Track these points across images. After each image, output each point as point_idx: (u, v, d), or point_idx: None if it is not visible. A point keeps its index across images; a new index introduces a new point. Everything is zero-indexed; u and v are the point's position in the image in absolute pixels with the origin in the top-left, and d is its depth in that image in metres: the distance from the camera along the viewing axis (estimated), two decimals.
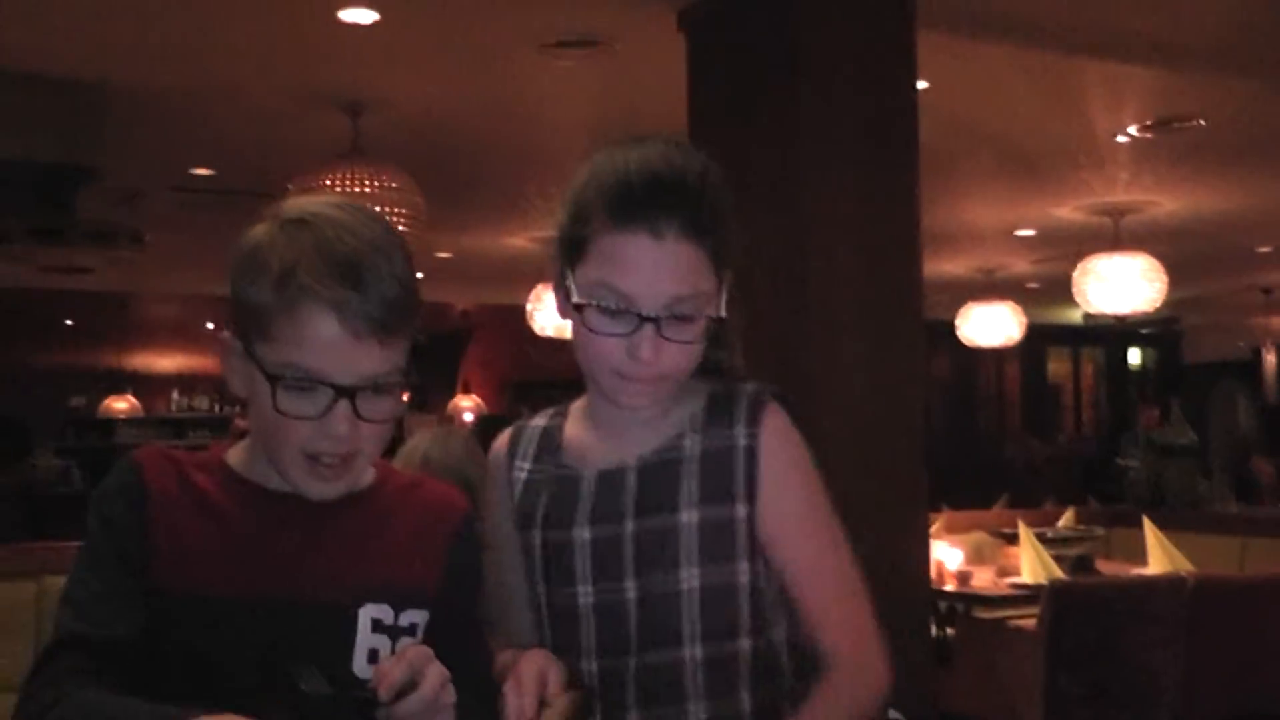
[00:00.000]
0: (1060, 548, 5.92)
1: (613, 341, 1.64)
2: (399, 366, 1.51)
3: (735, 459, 1.69)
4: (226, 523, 1.56)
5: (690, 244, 1.61)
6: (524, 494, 1.80)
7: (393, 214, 5.68)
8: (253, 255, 1.49)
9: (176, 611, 1.50)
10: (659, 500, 1.69)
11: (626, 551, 1.68)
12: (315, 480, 1.53)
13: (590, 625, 1.69)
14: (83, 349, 14.72)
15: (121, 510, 1.53)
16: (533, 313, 9.06)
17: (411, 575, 1.62)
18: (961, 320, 11.00)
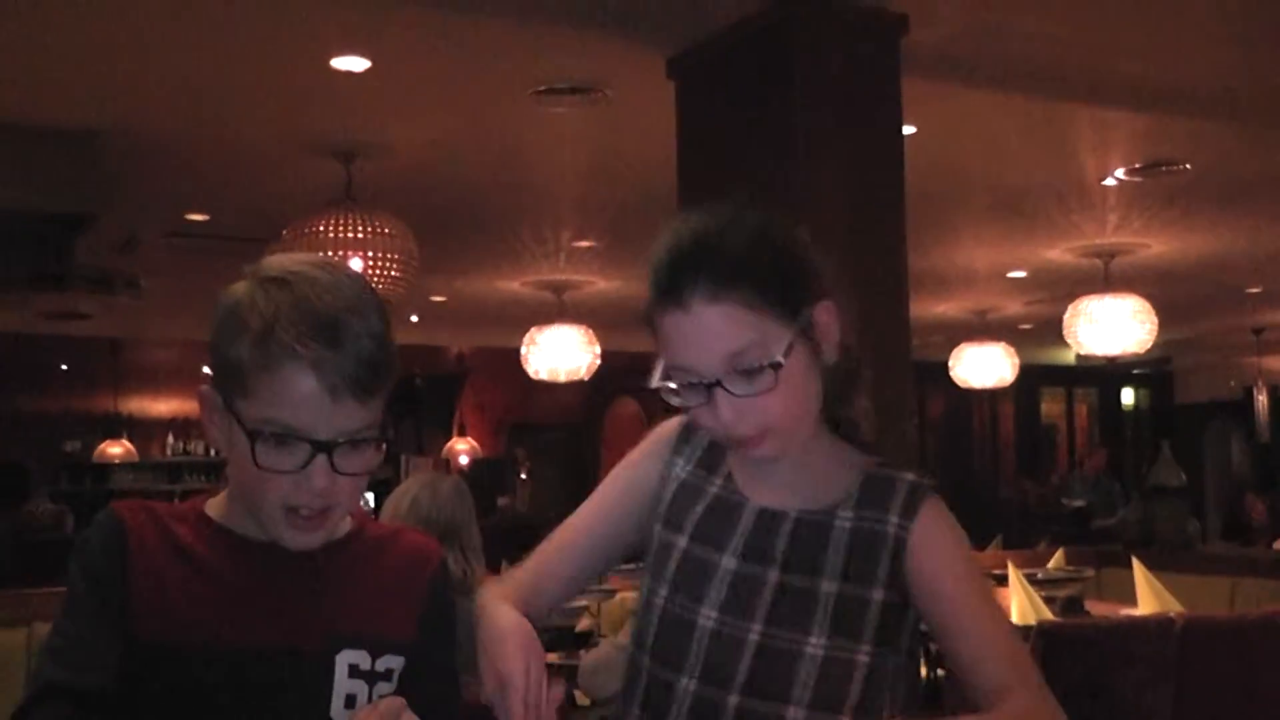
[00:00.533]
0: (1050, 589, 5.91)
1: (701, 412, 1.68)
2: (376, 422, 1.54)
3: (883, 545, 1.70)
4: (205, 572, 1.59)
5: (718, 304, 1.61)
6: (678, 495, 1.83)
7: (386, 259, 5.71)
8: (233, 313, 1.52)
9: (155, 660, 1.52)
10: (806, 561, 1.71)
11: (764, 596, 1.70)
12: (294, 531, 1.56)
13: (702, 647, 1.70)
14: (77, 393, 14.73)
15: (102, 561, 1.56)
16: (527, 356, 9.09)
17: (388, 622, 1.64)
18: (955, 361, 11.04)
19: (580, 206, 7.20)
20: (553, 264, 8.73)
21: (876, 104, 4.15)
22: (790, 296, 1.65)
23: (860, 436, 1.82)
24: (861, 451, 1.80)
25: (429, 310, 10.74)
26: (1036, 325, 12.04)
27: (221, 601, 1.57)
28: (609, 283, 9.32)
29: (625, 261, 8.42)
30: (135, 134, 5.61)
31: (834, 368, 1.73)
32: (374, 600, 1.65)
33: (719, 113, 4.31)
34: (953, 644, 1.69)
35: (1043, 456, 16.40)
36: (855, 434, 1.81)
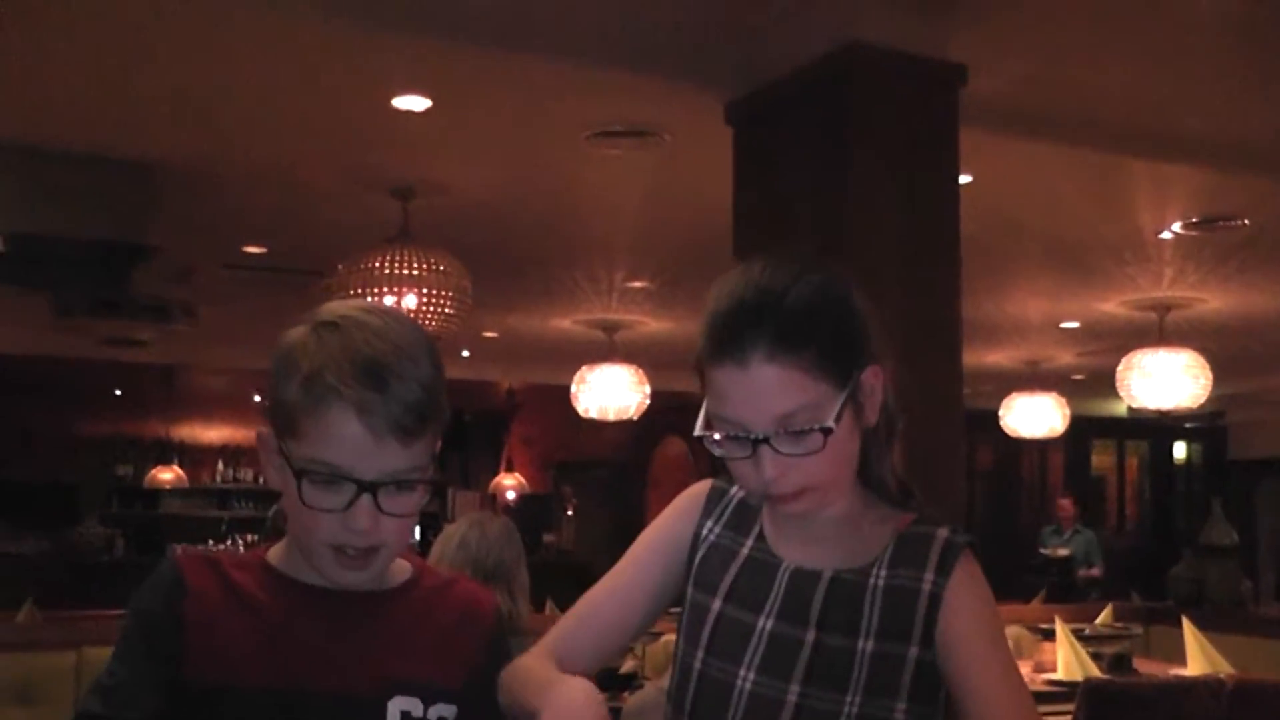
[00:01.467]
0: (1098, 645, 5.86)
1: (743, 465, 1.68)
2: (422, 464, 1.57)
3: (918, 603, 1.69)
4: (261, 615, 1.61)
5: (777, 364, 1.61)
6: (709, 556, 1.83)
7: (440, 296, 5.75)
8: (287, 355, 1.57)
9: (210, 703, 1.55)
10: (842, 620, 1.70)
11: (801, 656, 1.69)
12: (341, 570, 1.59)
13: (740, 710, 1.70)
14: (130, 419, 14.90)
15: (157, 606, 1.60)
16: (577, 394, 9.11)
17: (442, 671, 1.66)
18: (1005, 410, 10.98)
19: (634, 247, 7.23)
20: (605, 303, 8.77)
21: (934, 153, 4.15)
22: (846, 361, 1.66)
23: (893, 492, 1.81)
24: (895, 507, 1.80)
25: (480, 346, 10.79)
26: (1089, 376, 11.96)
27: (278, 646, 1.59)
28: (660, 323, 9.34)
29: (677, 303, 8.45)
30: (198, 166, 5.69)
31: (872, 426, 1.74)
32: (429, 649, 1.67)
33: (776, 158, 4.32)
34: (970, 704, 1.68)
35: (1092, 508, 16.25)
36: (888, 490, 1.81)
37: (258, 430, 1.63)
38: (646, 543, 1.91)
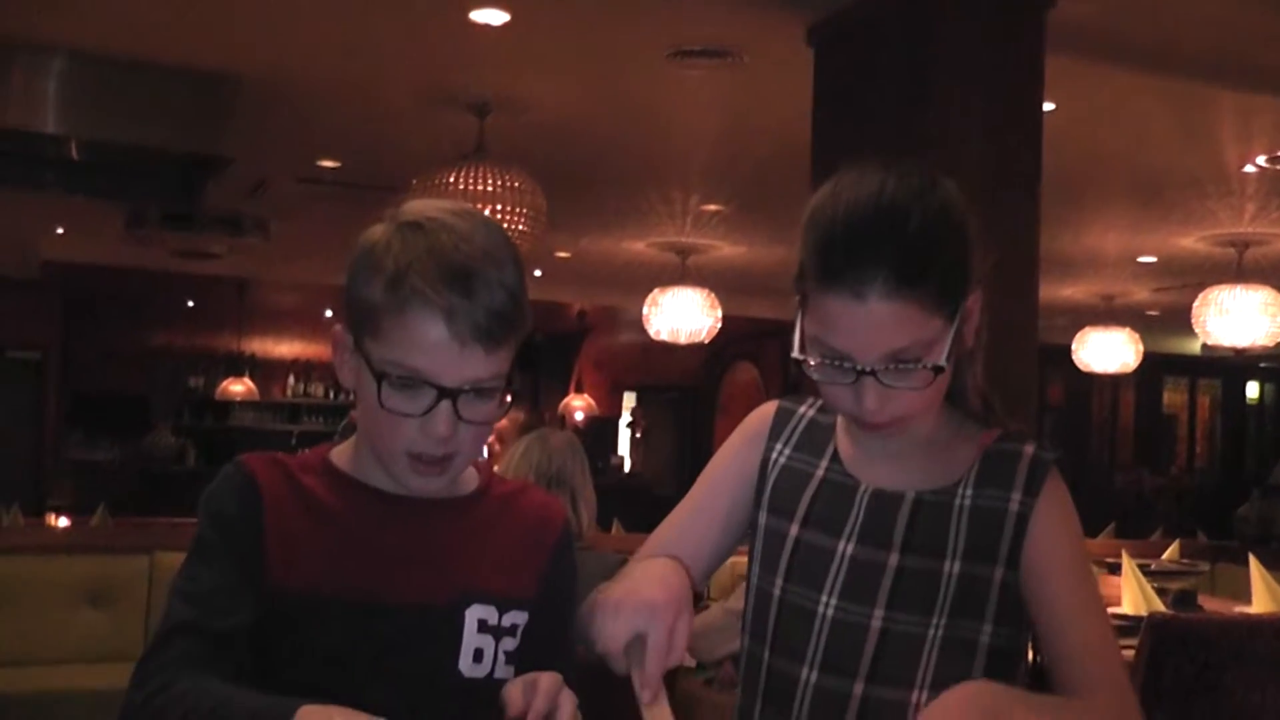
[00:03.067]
0: (1163, 581, 5.80)
1: (839, 390, 1.63)
2: (502, 372, 1.54)
3: (1005, 523, 1.66)
4: (337, 523, 1.60)
5: (897, 300, 1.54)
6: (781, 480, 1.80)
7: (515, 214, 5.73)
8: (369, 255, 1.53)
9: (289, 610, 1.54)
10: (928, 542, 1.67)
11: (885, 581, 1.67)
12: (415, 476, 1.57)
13: (822, 637, 1.68)
14: (203, 331, 15.06)
15: (236, 509, 1.58)
16: (648, 316, 9.10)
17: (515, 579, 1.66)
18: (1078, 345, 10.85)
19: (710, 170, 7.18)
20: (679, 226, 8.73)
21: (1018, 79, 4.08)
22: (959, 294, 1.60)
23: (977, 409, 1.76)
24: (978, 424, 1.75)
25: (553, 266, 10.78)
26: (1163, 312, 11.80)
27: (352, 554, 1.59)
28: (734, 248, 9.29)
29: (751, 227, 8.39)
30: (273, 79, 5.68)
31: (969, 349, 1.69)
32: (501, 557, 1.66)
33: (857, 82, 4.26)
34: (1049, 630, 1.65)
35: (1162, 447, 16.10)
36: (970, 406, 1.76)
37: (333, 329, 1.61)
38: (714, 471, 1.88)
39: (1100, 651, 1.65)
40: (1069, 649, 1.64)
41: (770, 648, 1.73)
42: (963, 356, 1.69)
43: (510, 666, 1.63)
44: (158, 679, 1.43)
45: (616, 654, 1.46)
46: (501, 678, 1.60)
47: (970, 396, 1.76)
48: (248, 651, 1.51)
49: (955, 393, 1.73)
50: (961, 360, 1.70)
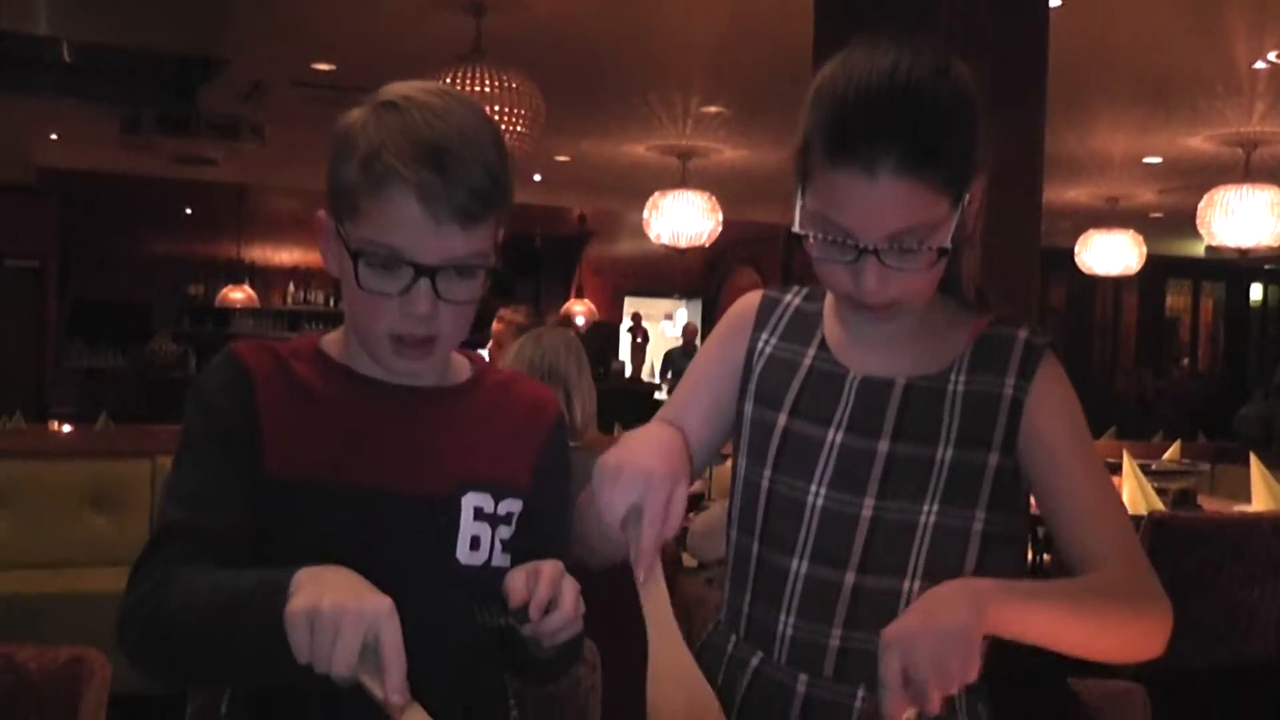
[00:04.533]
0: (1163, 481, 5.82)
1: (839, 270, 1.59)
2: (483, 250, 1.53)
3: (999, 408, 1.64)
4: (329, 411, 1.59)
5: (908, 179, 1.49)
6: (767, 369, 1.77)
7: (512, 115, 5.68)
8: (345, 137, 1.52)
9: (283, 498, 1.53)
10: (919, 429, 1.65)
11: (875, 469, 1.64)
12: (399, 359, 1.56)
13: (812, 527, 1.66)
14: (203, 239, 15.01)
15: (225, 400, 1.56)
16: (649, 220, 9.04)
17: (509, 467, 1.65)
18: (1081, 247, 10.79)
19: (710, 71, 7.08)
20: (679, 129, 8.65)
21: None
22: (966, 178, 1.56)
23: (969, 296, 1.73)
24: (971, 311, 1.72)
25: (552, 170, 10.72)
26: (1168, 215, 11.74)
27: (347, 441, 1.58)
28: (735, 151, 9.22)
29: (753, 130, 8.32)
30: None
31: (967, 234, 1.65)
32: (495, 444, 1.66)
33: None
34: (1056, 510, 1.63)
35: (1164, 350, 16.08)
36: (963, 293, 1.72)
37: (317, 214, 1.59)
38: (700, 364, 1.85)
39: (1108, 520, 1.63)
40: (1076, 524, 1.62)
41: (759, 539, 1.72)
42: (962, 242, 1.65)
43: (507, 555, 1.62)
44: (150, 581, 1.43)
45: (614, 525, 1.44)
46: (499, 566, 1.60)
47: (965, 284, 1.72)
48: (244, 543, 1.50)
49: (949, 280, 1.69)
50: (959, 247, 1.65)
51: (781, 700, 1.68)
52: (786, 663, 1.68)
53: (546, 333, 3.75)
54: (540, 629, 1.43)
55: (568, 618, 1.43)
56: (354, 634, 1.23)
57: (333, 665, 1.23)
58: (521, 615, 1.42)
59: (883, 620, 1.61)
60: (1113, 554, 1.59)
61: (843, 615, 1.65)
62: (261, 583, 1.33)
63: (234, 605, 1.34)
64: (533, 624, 1.42)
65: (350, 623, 1.23)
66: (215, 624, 1.36)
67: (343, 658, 1.23)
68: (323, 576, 1.30)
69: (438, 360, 1.62)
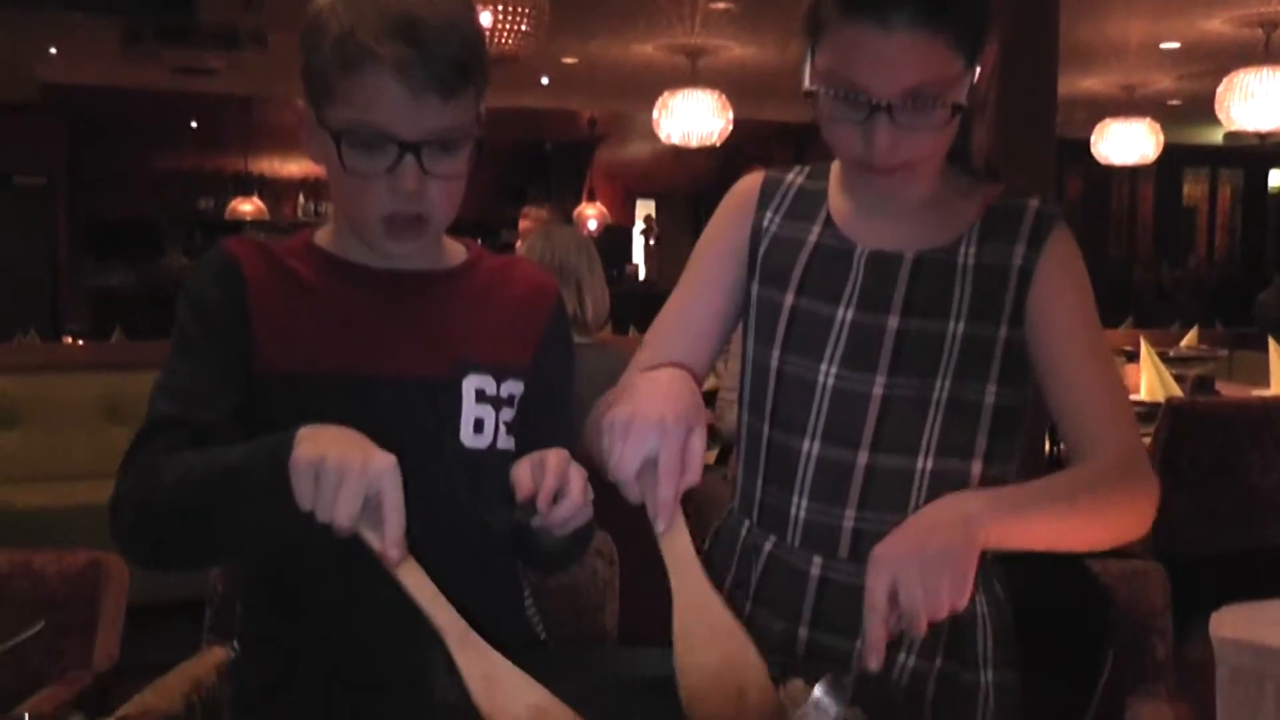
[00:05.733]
0: (1181, 367, 5.81)
1: (849, 130, 1.56)
2: (466, 122, 1.52)
3: (1009, 279, 1.62)
4: (325, 302, 1.59)
5: (924, 32, 1.47)
6: (773, 249, 1.74)
7: (515, 13, 5.62)
8: (316, 20, 1.51)
9: (279, 391, 1.53)
10: (930, 304, 1.62)
11: (885, 345, 1.62)
12: (392, 241, 1.55)
13: (823, 407, 1.64)
14: (209, 152, 14.92)
15: (219, 294, 1.56)
16: (658, 120, 8.96)
17: (509, 349, 1.65)
18: (1098, 137, 10.66)
19: None
20: (687, 27, 8.52)
21: None
22: (980, 36, 1.54)
23: (979, 166, 1.70)
24: (980, 181, 1.69)
25: (560, 73, 10.60)
26: (1186, 101, 11.59)
27: (343, 331, 1.57)
28: (744, 48, 9.10)
29: (763, 25, 8.20)
30: None
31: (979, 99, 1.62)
32: (495, 327, 1.65)
33: None
34: (1055, 387, 1.61)
35: (1181, 239, 15.98)
36: (973, 164, 1.69)
37: (296, 103, 1.58)
38: (705, 248, 1.82)
39: (1110, 406, 1.61)
40: (1074, 403, 1.61)
41: (770, 421, 1.70)
42: (973, 107, 1.62)
43: (511, 438, 1.63)
44: (142, 469, 1.43)
45: (630, 481, 1.37)
46: (504, 449, 1.61)
47: (974, 153, 1.69)
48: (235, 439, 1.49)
49: (959, 150, 1.67)
50: (971, 112, 1.63)
51: (796, 584, 1.68)
52: (800, 546, 1.67)
53: (557, 230, 3.74)
54: (549, 519, 1.42)
55: (576, 506, 1.42)
56: (358, 485, 1.24)
57: (335, 515, 1.24)
58: (529, 508, 1.41)
59: (897, 499, 1.61)
60: (1107, 436, 1.58)
61: (856, 495, 1.64)
62: (263, 444, 1.33)
63: (235, 468, 1.34)
64: (541, 515, 1.41)
65: (355, 474, 1.24)
66: (214, 492, 1.36)
67: (345, 508, 1.23)
68: (326, 432, 1.31)
69: (430, 240, 1.61)
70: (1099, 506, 1.53)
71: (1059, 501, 1.51)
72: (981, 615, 1.66)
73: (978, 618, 1.66)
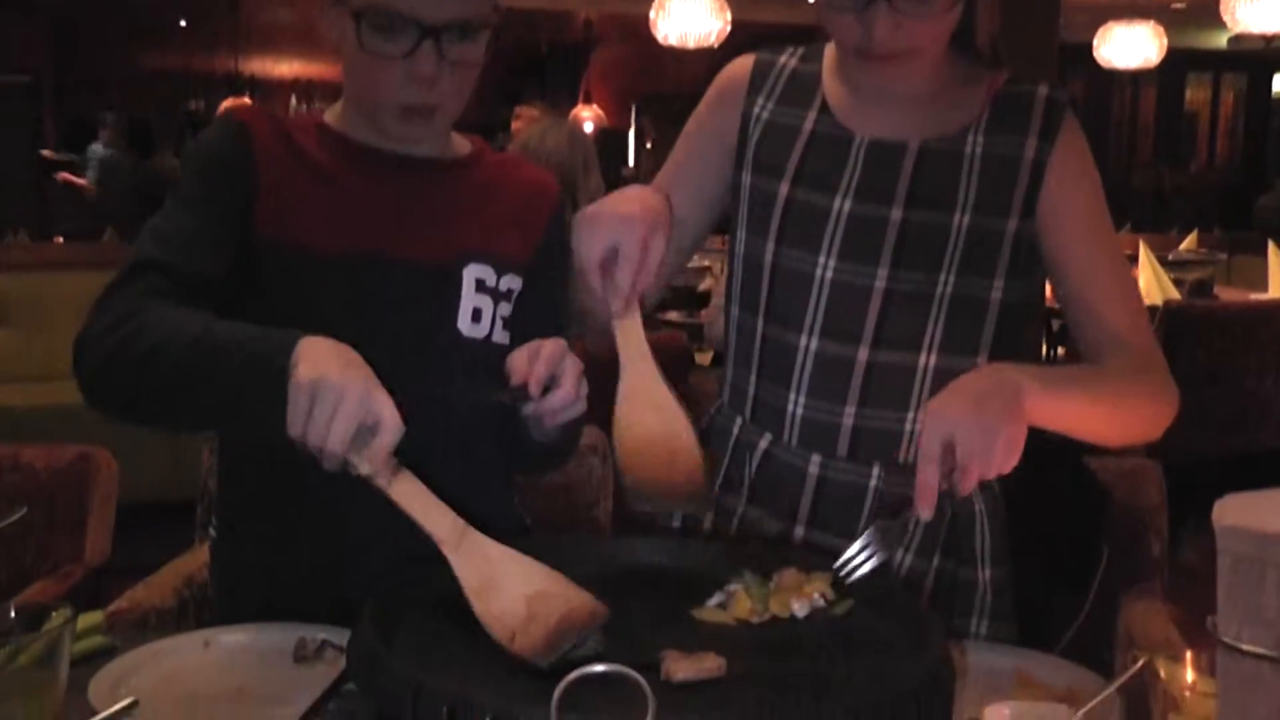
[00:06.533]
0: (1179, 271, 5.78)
1: (848, 18, 1.53)
2: (483, 12, 1.52)
3: (1020, 171, 1.58)
4: (330, 180, 1.57)
5: None
6: (766, 137, 1.70)
7: None
8: None
9: (280, 262, 1.51)
10: (935, 194, 1.59)
11: (888, 238, 1.59)
12: (402, 124, 1.55)
13: (821, 301, 1.61)
14: (199, 53, 14.75)
15: (227, 156, 1.54)
16: (655, 21, 8.84)
17: (510, 243, 1.64)
18: (1100, 41, 10.53)
19: None
20: None
21: None
22: None
23: (985, 53, 1.65)
24: (984, 68, 1.65)
25: None
26: (1190, 4, 11.44)
27: (348, 210, 1.56)
28: None
29: None
30: None
31: None
32: (497, 219, 1.64)
33: None
34: (1068, 286, 1.60)
35: (1182, 145, 15.86)
36: (978, 50, 1.65)
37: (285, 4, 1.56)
38: (689, 135, 1.79)
39: (1123, 301, 1.60)
40: (1089, 304, 1.58)
41: (764, 316, 1.67)
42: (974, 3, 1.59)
43: (507, 333, 1.62)
44: (124, 307, 1.39)
45: (593, 268, 1.41)
46: (500, 342, 1.60)
47: (979, 36, 1.64)
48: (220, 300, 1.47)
49: (962, 34, 1.62)
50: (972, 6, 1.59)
51: (793, 482, 1.66)
52: (797, 444, 1.65)
53: (552, 126, 3.69)
54: (540, 407, 1.41)
55: (568, 396, 1.41)
56: (355, 412, 1.20)
57: (327, 440, 1.20)
58: (521, 394, 1.39)
59: (897, 397, 1.59)
60: (1125, 337, 1.56)
61: (856, 392, 1.61)
62: (263, 334, 1.30)
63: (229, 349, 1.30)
64: (533, 403, 1.39)
65: (353, 401, 1.20)
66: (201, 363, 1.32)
67: (339, 433, 1.20)
68: (329, 350, 1.27)
69: (439, 127, 1.60)
70: (1124, 402, 1.54)
71: (1090, 390, 1.51)
72: (980, 512, 1.65)
73: (976, 515, 1.65)
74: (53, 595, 2.16)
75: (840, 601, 1.24)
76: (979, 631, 1.64)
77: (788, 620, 1.22)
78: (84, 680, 1.33)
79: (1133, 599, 2.01)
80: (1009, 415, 1.34)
